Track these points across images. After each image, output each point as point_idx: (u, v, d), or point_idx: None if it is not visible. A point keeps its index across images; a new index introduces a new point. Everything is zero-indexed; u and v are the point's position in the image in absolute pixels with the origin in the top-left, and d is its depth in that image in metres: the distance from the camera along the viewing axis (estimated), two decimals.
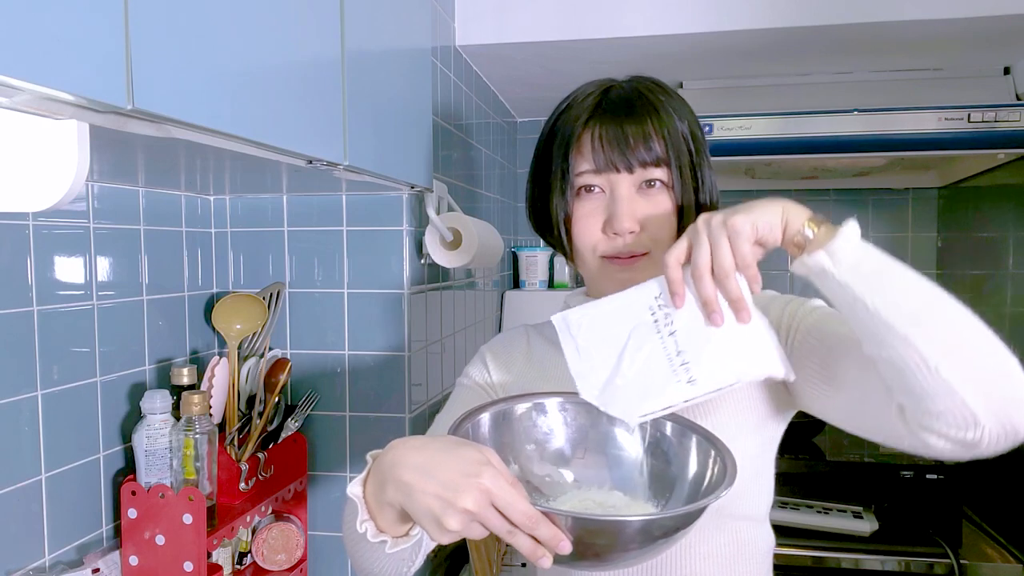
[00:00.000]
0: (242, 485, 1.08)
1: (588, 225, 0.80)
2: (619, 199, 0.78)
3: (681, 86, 1.80)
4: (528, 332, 0.95)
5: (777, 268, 2.24)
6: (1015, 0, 1.30)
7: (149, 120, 0.54)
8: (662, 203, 0.79)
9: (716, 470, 0.69)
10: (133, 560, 0.96)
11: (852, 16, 1.36)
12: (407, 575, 0.71)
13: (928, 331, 0.58)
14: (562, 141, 0.81)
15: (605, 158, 0.78)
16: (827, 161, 1.70)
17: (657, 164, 0.77)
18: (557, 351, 0.77)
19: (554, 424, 0.77)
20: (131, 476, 0.98)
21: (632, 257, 0.79)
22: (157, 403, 0.97)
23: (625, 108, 0.79)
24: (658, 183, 0.79)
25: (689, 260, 0.66)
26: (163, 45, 0.53)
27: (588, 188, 0.80)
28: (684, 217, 0.79)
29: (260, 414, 1.15)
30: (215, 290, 1.26)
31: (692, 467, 0.73)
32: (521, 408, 0.77)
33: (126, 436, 1.02)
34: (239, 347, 1.16)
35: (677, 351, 0.68)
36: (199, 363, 1.18)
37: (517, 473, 0.74)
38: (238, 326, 1.15)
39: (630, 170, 0.78)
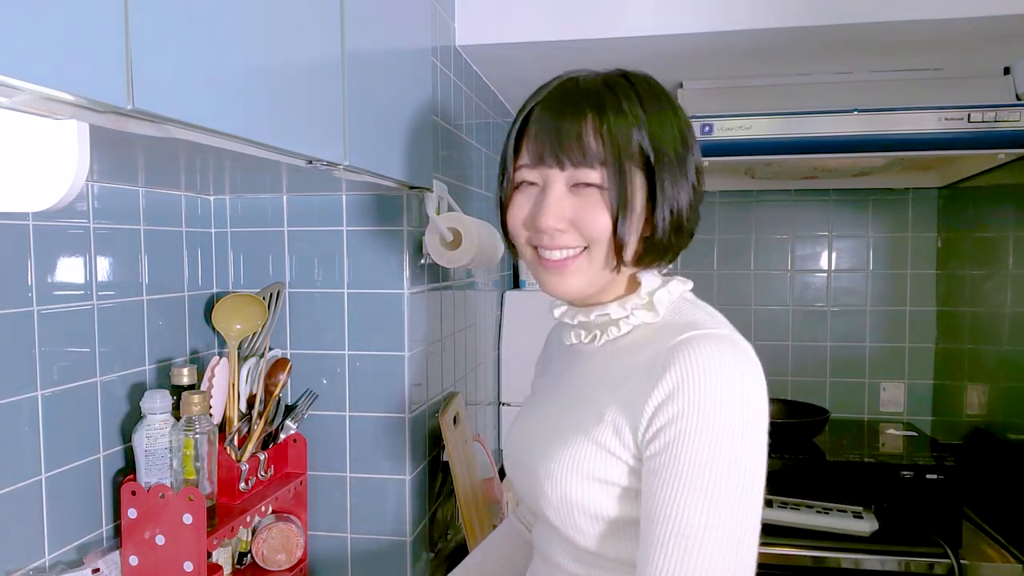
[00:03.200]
0: (242, 485, 1.08)
1: (517, 215, 0.79)
2: (548, 194, 0.74)
3: (681, 86, 1.80)
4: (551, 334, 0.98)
5: (777, 268, 2.26)
6: (1015, 0, 1.30)
7: (149, 120, 0.54)
8: (595, 204, 0.73)
9: None
10: (133, 560, 0.96)
11: (852, 16, 1.36)
12: None
13: None
14: (511, 129, 0.79)
15: (538, 152, 0.74)
16: (827, 161, 1.70)
17: (591, 165, 0.72)
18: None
19: None
20: (131, 476, 0.98)
21: (563, 260, 0.76)
22: (157, 403, 0.97)
23: (572, 102, 0.74)
24: (592, 187, 0.73)
25: None
26: (163, 45, 0.53)
27: (527, 182, 0.77)
28: (620, 225, 0.73)
29: (260, 414, 1.15)
30: (215, 290, 1.26)
31: None
32: None
33: (126, 436, 1.03)
34: (239, 347, 1.16)
35: None
36: (199, 363, 1.18)
37: None
38: (238, 326, 1.15)
39: (562, 167, 0.73)
